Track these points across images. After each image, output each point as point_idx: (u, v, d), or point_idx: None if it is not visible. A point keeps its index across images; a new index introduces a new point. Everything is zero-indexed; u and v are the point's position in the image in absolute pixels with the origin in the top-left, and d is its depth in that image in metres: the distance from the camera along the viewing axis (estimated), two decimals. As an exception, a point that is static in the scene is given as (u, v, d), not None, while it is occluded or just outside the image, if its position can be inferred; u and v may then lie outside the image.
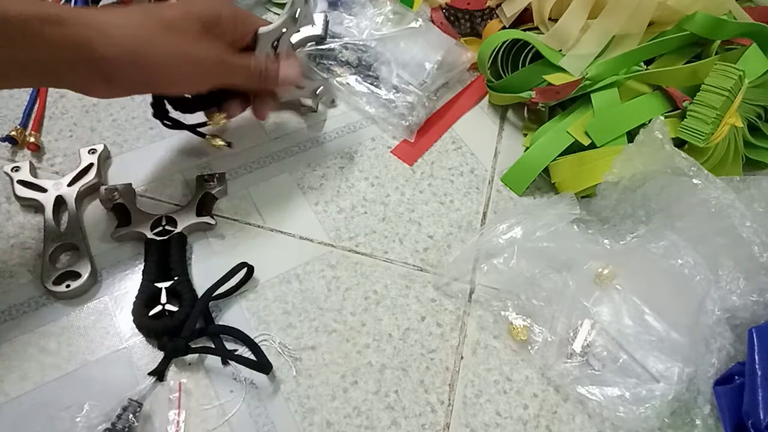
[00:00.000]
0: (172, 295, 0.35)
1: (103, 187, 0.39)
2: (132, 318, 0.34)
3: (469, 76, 0.50)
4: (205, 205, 0.39)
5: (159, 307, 0.34)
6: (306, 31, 0.47)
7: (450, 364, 0.36)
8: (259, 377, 0.34)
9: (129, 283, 0.37)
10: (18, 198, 0.39)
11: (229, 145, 0.42)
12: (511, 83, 0.46)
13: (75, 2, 0.49)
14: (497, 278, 0.39)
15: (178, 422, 0.32)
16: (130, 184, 0.40)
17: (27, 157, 0.41)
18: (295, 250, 0.40)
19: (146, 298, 0.35)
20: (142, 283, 0.36)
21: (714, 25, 0.42)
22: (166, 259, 0.37)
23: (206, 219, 0.39)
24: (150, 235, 0.37)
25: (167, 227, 0.38)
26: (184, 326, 0.34)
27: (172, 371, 0.34)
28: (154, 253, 0.37)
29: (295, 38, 0.46)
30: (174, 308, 0.35)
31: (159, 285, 0.35)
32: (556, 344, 0.36)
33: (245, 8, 0.52)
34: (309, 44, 0.48)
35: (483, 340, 0.37)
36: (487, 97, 0.50)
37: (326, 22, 0.47)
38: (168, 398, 0.32)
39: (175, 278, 0.36)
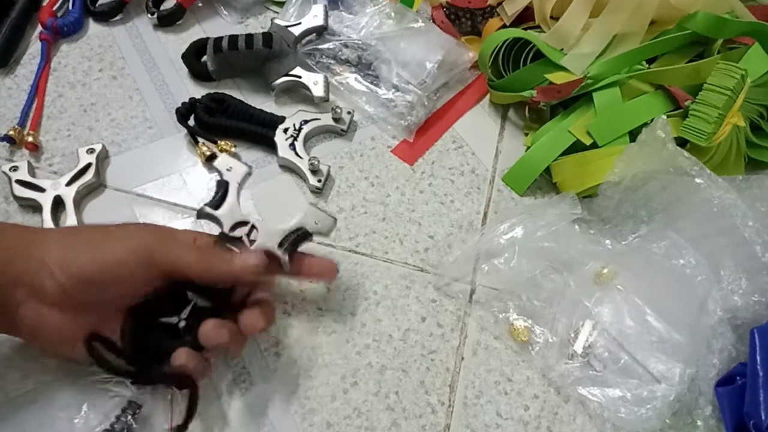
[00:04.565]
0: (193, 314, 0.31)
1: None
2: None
3: (469, 75, 0.50)
4: (293, 242, 0.33)
5: (175, 319, 0.31)
6: (307, 23, 0.47)
7: (450, 365, 0.36)
8: (259, 377, 0.34)
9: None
10: (16, 198, 0.38)
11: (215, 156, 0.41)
12: (512, 82, 0.46)
13: (73, 3, 0.49)
14: (498, 278, 0.39)
15: (171, 424, 0.31)
16: (246, 170, 0.34)
17: (25, 157, 0.41)
18: (295, 251, 0.40)
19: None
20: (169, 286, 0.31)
21: (716, 24, 0.42)
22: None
23: (280, 254, 0.33)
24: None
25: (248, 237, 0.33)
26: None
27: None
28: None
29: (296, 31, 0.46)
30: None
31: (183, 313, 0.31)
32: (557, 345, 0.36)
33: (244, 7, 0.51)
34: (310, 36, 0.48)
35: (484, 340, 0.37)
36: (488, 96, 0.49)
37: (326, 12, 0.47)
38: (167, 399, 0.32)
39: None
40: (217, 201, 0.34)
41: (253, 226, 0.33)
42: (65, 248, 0.30)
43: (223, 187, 0.34)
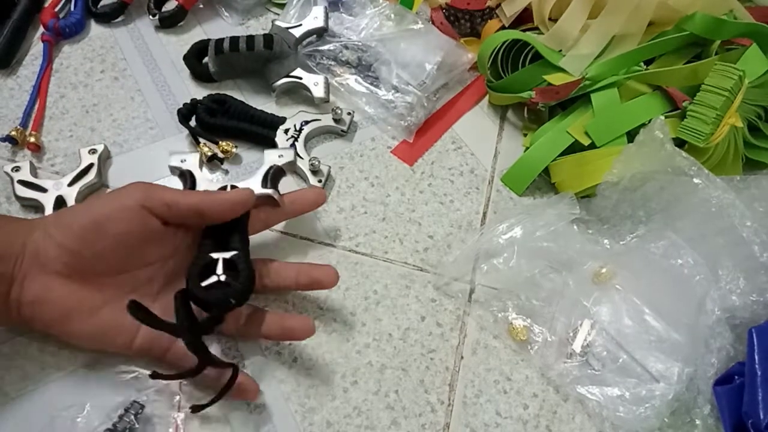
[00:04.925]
0: (228, 267, 0.32)
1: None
2: (186, 285, 0.31)
3: (469, 77, 0.50)
4: (271, 178, 0.37)
5: (214, 278, 0.31)
6: (308, 24, 0.47)
7: (450, 364, 0.36)
8: (260, 376, 0.34)
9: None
10: (18, 198, 0.39)
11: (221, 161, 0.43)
12: (511, 83, 0.46)
13: (75, 4, 0.49)
14: (497, 278, 0.39)
15: (176, 425, 0.32)
16: (199, 155, 0.39)
17: (27, 157, 0.42)
18: (296, 250, 0.40)
19: (201, 267, 0.32)
20: (197, 253, 0.32)
21: (714, 25, 0.42)
22: (225, 228, 0.33)
23: (270, 192, 0.36)
24: None
25: None
26: (241, 299, 0.31)
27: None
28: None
29: (297, 32, 0.47)
30: (229, 280, 0.31)
31: (215, 255, 0.32)
32: (555, 344, 0.36)
33: (245, 8, 0.52)
34: (310, 38, 0.48)
35: (483, 340, 0.37)
36: (487, 97, 0.50)
37: (326, 14, 0.48)
38: (169, 399, 0.32)
39: (234, 251, 0.32)
40: (190, 187, 0.36)
41: (233, 186, 0.36)
42: (61, 213, 0.31)
43: (189, 175, 0.37)
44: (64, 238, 0.29)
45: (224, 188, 0.36)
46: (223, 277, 0.31)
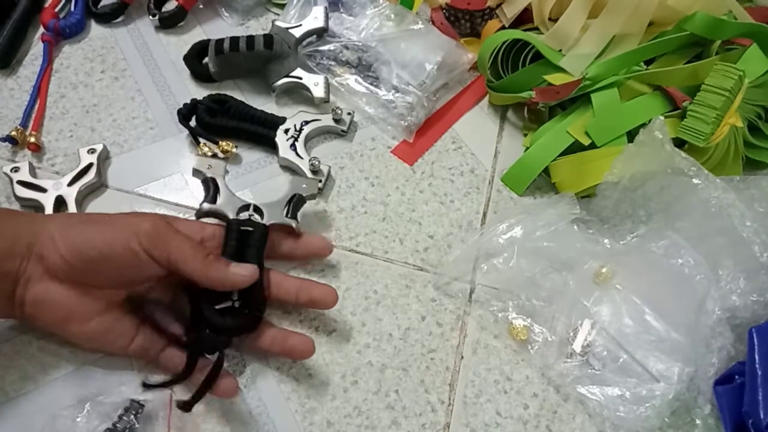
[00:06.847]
0: (242, 290, 0.32)
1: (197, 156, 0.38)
2: (195, 303, 0.31)
3: (469, 77, 0.50)
4: (293, 207, 0.36)
5: (228, 303, 0.32)
6: (308, 24, 0.47)
7: (450, 364, 0.36)
8: (260, 376, 0.34)
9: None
10: (18, 198, 0.39)
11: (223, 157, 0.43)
12: (511, 83, 0.46)
13: (75, 4, 0.49)
14: (497, 278, 0.39)
15: (169, 423, 0.32)
16: (224, 164, 0.38)
17: (27, 157, 0.41)
18: (296, 250, 0.40)
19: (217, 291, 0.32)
20: None
21: (714, 25, 0.42)
22: (244, 250, 0.33)
23: (292, 222, 0.36)
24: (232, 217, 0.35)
25: (253, 217, 0.35)
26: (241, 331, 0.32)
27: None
28: (233, 239, 0.33)
29: (297, 32, 0.47)
30: (243, 307, 0.32)
31: None
32: (556, 344, 0.36)
33: (245, 8, 0.52)
34: (310, 38, 0.48)
35: (483, 339, 0.37)
36: (487, 97, 0.50)
37: (326, 14, 0.48)
38: (169, 398, 0.32)
39: None
40: (212, 196, 0.36)
41: (255, 206, 0.36)
42: (66, 221, 0.31)
43: (212, 183, 0.36)
44: (67, 252, 0.29)
45: (246, 207, 0.35)
46: (237, 304, 0.32)
